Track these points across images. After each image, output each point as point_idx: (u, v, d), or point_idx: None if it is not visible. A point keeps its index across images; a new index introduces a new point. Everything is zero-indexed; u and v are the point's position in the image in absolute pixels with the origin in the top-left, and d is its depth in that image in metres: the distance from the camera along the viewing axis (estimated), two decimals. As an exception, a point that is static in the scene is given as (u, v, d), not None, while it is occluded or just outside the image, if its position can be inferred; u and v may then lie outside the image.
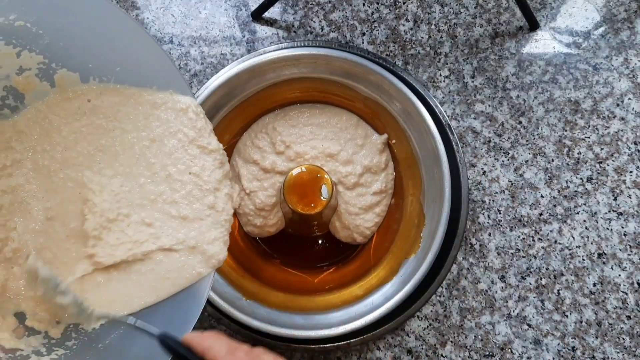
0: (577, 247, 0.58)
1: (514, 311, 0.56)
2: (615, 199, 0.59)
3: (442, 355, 0.56)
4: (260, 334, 0.51)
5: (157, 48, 0.42)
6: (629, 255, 0.57)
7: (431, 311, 0.57)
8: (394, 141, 0.57)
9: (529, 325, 0.56)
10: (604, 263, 0.57)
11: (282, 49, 0.55)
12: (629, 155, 0.60)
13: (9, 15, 0.38)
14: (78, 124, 0.43)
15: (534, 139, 0.61)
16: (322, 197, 0.51)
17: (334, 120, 0.58)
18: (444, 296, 0.57)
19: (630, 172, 0.59)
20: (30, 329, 0.40)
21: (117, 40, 0.42)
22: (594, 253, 0.58)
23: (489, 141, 0.61)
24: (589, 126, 0.61)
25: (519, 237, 0.58)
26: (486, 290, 0.57)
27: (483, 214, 0.59)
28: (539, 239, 0.58)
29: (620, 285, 0.57)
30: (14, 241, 0.42)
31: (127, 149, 0.43)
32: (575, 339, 0.56)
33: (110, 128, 0.43)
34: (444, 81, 0.63)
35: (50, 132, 0.43)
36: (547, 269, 0.57)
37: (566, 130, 0.61)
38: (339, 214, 0.57)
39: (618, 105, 0.61)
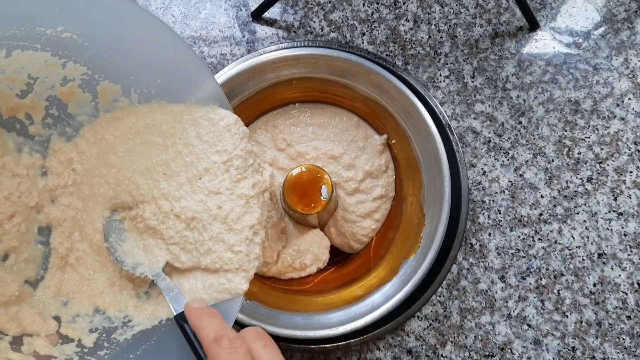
0: (577, 247, 0.58)
1: (514, 311, 0.56)
2: (615, 199, 0.59)
3: (442, 355, 0.56)
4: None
5: (197, 60, 0.43)
6: (629, 255, 0.57)
7: (431, 311, 0.57)
8: (394, 141, 0.57)
9: (529, 326, 0.56)
10: (604, 263, 0.57)
11: (282, 49, 0.55)
12: (629, 155, 0.60)
13: (57, 27, 0.39)
14: (132, 142, 0.43)
15: (534, 139, 0.61)
16: (322, 197, 0.51)
17: (335, 120, 0.58)
18: (444, 296, 0.57)
19: (630, 172, 0.59)
20: (64, 336, 0.41)
21: (158, 52, 0.42)
22: (594, 253, 0.58)
23: (489, 141, 0.61)
24: (589, 126, 0.61)
25: (519, 237, 0.58)
26: (486, 291, 0.57)
27: (483, 214, 0.59)
28: (539, 239, 0.58)
29: (620, 285, 0.57)
30: (79, 251, 0.44)
31: (201, 159, 0.42)
32: (575, 339, 0.56)
33: (168, 144, 0.43)
34: (444, 81, 0.63)
35: (108, 153, 0.44)
36: (547, 269, 0.57)
37: (566, 130, 0.61)
38: (335, 219, 0.57)
39: (618, 105, 0.61)
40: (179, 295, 0.40)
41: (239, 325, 0.51)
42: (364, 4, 0.66)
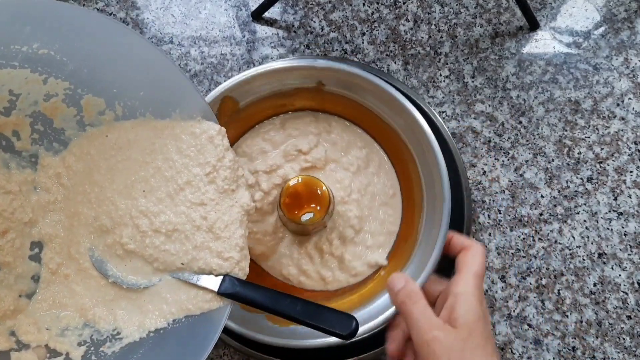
0: (577, 247, 0.58)
1: (514, 311, 0.56)
2: (615, 199, 0.59)
3: (442, 355, 0.56)
4: (252, 344, 0.50)
5: (176, 70, 0.43)
6: (629, 255, 0.57)
7: (431, 311, 0.57)
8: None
9: (529, 325, 0.56)
10: (604, 263, 0.57)
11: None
12: (629, 155, 0.60)
13: (33, 44, 0.39)
14: (114, 160, 0.44)
15: (534, 138, 0.61)
16: (302, 219, 0.50)
17: (378, 178, 0.56)
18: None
19: (631, 172, 0.59)
20: (52, 350, 0.41)
21: (138, 65, 0.42)
22: (594, 253, 0.58)
23: (489, 141, 0.61)
24: (589, 126, 0.61)
25: (519, 237, 0.58)
26: (486, 291, 0.57)
27: (483, 214, 0.59)
28: (539, 239, 0.58)
29: (620, 285, 0.57)
30: (68, 268, 0.44)
31: (181, 173, 0.42)
32: (575, 339, 0.56)
33: (148, 161, 0.43)
34: (444, 81, 0.63)
35: (92, 170, 0.44)
36: (547, 269, 0.57)
37: (566, 130, 0.61)
38: (304, 247, 0.55)
39: (618, 105, 0.61)
40: (205, 277, 0.41)
41: (228, 335, 0.51)
42: (364, 4, 0.66)
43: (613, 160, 0.60)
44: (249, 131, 0.59)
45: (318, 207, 0.50)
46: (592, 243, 0.58)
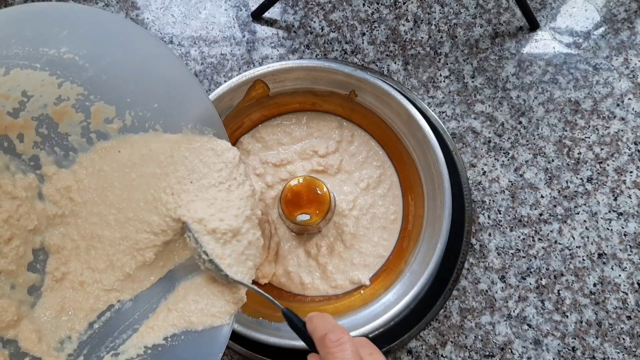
0: (577, 247, 0.58)
1: (514, 311, 0.56)
2: (615, 199, 0.59)
3: (442, 355, 0.56)
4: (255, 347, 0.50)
5: (197, 87, 0.42)
6: (629, 255, 0.57)
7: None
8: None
9: (529, 326, 0.56)
10: (604, 263, 0.57)
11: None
12: (629, 155, 0.60)
13: (61, 48, 0.39)
14: (129, 177, 0.43)
15: (534, 139, 0.61)
16: (298, 218, 0.51)
17: (388, 200, 0.56)
18: (444, 297, 0.57)
19: (631, 172, 0.59)
20: None
21: (160, 78, 0.42)
22: (594, 253, 0.58)
23: (489, 141, 0.61)
24: (589, 126, 0.61)
25: (519, 237, 0.58)
26: (486, 291, 0.57)
27: (483, 214, 0.59)
28: (539, 239, 0.58)
29: (620, 285, 0.57)
30: (82, 275, 0.44)
31: (206, 188, 0.42)
32: (575, 339, 0.56)
33: (168, 172, 0.42)
34: (444, 81, 0.63)
35: (105, 189, 0.43)
36: (547, 269, 0.57)
37: (566, 131, 0.61)
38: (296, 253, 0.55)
39: (618, 105, 0.61)
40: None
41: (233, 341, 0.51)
42: (364, 4, 0.66)
43: (613, 161, 0.60)
44: (272, 119, 0.58)
45: (317, 211, 0.50)
46: (592, 243, 0.58)
